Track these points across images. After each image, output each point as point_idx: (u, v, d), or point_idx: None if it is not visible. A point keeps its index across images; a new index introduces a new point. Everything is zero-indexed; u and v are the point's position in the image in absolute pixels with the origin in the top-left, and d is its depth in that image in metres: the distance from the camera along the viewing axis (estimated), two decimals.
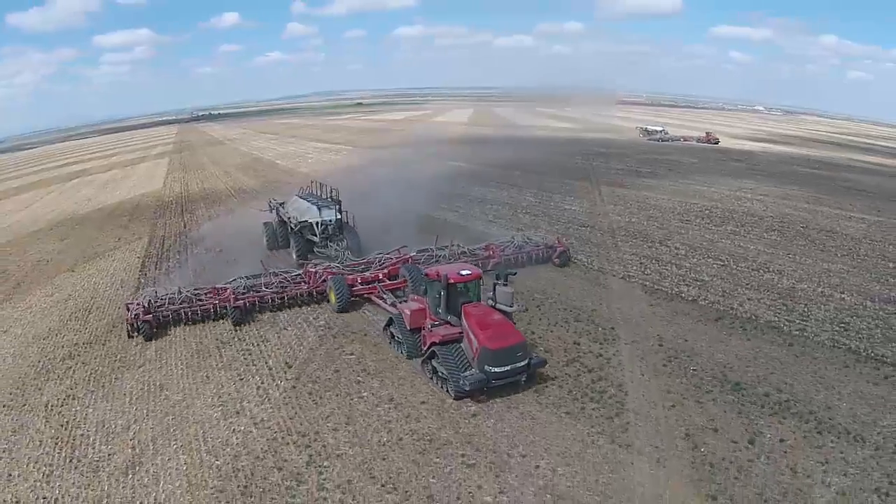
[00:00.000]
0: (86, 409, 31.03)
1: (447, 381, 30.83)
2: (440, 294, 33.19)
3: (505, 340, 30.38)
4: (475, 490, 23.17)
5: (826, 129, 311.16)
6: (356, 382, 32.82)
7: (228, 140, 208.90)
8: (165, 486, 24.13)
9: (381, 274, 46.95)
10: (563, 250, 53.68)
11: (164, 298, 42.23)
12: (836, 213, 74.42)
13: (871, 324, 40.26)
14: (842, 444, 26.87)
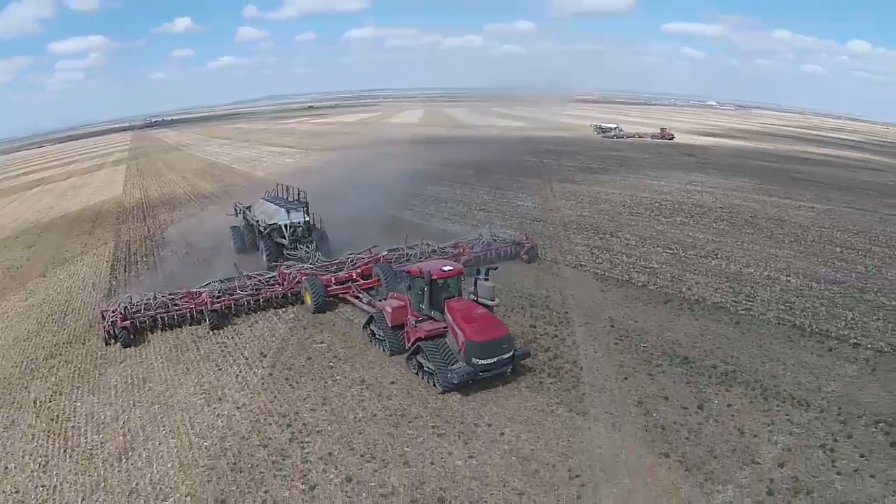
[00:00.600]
0: (73, 404, 32.24)
1: (434, 375, 31.44)
2: (423, 290, 33.87)
3: (490, 333, 31.10)
4: (446, 456, 25.54)
5: (779, 123, 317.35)
6: (328, 367, 34.92)
7: (183, 146, 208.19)
8: (159, 468, 25.73)
9: (354, 274, 47.32)
10: (530, 246, 54.45)
11: (139, 304, 42.13)
12: (784, 203, 77.24)
13: (816, 303, 42.94)
14: (787, 408, 29.30)
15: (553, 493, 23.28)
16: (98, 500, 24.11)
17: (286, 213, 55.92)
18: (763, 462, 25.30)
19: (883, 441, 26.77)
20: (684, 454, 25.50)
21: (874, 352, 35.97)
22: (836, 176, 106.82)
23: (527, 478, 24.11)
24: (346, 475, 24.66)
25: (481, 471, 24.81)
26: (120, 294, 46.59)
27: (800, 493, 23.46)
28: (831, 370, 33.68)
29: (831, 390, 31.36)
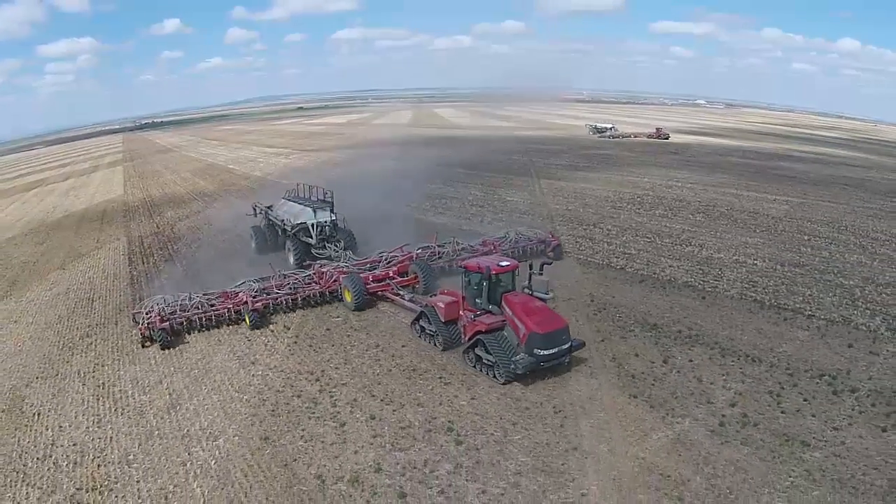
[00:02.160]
0: (117, 373, 35.52)
1: (495, 367, 32.26)
2: (482, 285, 34.24)
3: (551, 325, 32.04)
4: (452, 398, 30.82)
5: (766, 121, 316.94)
6: (346, 336, 39.26)
7: (176, 148, 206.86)
8: (206, 416, 29.76)
9: (391, 272, 47.52)
10: (556, 244, 54.95)
11: (174, 305, 41.23)
12: (761, 197, 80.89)
13: (778, 282, 47.16)
14: (741, 363, 33.89)
15: (541, 423, 28.27)
16: (154, 445, 27.54)
17: (313, 213, 55.44)
18: (717, 402, 29.78)
19: (826, 389, 31.00)
20: (650, 396, 30.36)
21: (826, 322, 40.02)
22: (815, 172, 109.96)
23: (519, 413, 29.17)
24: (370, 414, 29.38)
25: (481, 408, 29.88)
26: (149, 296, 46.19)
27: (747, 425, 27.81)
28: (784, 335, 37.84)
29: (783, 350, 35.60)
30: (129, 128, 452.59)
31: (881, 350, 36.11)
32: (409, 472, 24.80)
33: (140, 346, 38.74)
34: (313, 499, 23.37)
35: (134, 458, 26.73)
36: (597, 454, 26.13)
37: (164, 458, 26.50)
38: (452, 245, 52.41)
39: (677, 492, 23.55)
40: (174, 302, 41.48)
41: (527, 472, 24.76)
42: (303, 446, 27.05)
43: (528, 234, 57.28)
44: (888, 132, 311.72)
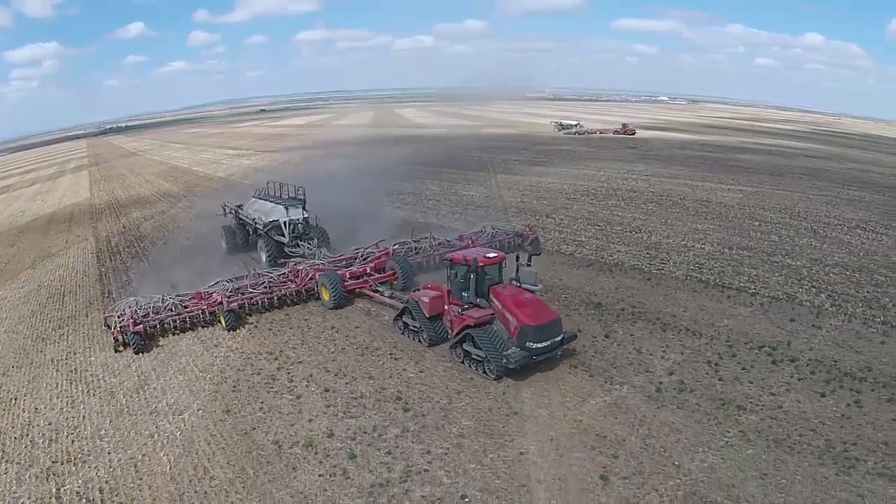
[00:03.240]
0: (88, 359, 36.80)
1: (485, 362, 31.34)
2: (469, 278, 33.39)
3: (543, 317, 31.31)
4: (402, 371, 32.93)
5: (728, 116, 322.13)
6: (304, 320, 40.98)
7: (140, 151, 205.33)
8: (172, 395, 31.38)
9: (368, 268, 46.73)
10: (533, 237, 54.54)
11: (147, 307, 39.82)
12: (715, 187, 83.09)
13: (724, 264, 49.23)
14: (681, 337, 35.71)
15: (484, 391, 30.20)
16: (124, 421, 29.03)
17: (285, 210, 54.57)
18: (655, 371, 31.57)
19: (765, 359, 32.78)
20: (590, 366, 32.29)
21: (770, 299, 41.92)
22: (772, 163, 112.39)
23: (464, 383, 31.27)
24: (325, 387, 31.28)
25: (429, 379, 31.84)
26: (118, 289, 48.09)
27: (684, 391, 29.56)
28: (727, 311, 39.70)
29: (724, 325, 37.39)
30: (93, 133, 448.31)
31: (824, 324, 37.79)
32: (359, 437, 26.52)
33: (114, 352, 37.38)
34: (270, 462, 25.02)
35: (105, 434, 28.03)
36: (536, 418, 27.85)
37: (134, 432, 27.94)
38: (429, 240, 51.87)
39: (612, 450, 25.04)
40: (147, 304, 40.24)
41: (469, 435, 26.43)
42: (261, 416, 28.75)
43: (505, 228, 56.88)
44: (850, 125, 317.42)
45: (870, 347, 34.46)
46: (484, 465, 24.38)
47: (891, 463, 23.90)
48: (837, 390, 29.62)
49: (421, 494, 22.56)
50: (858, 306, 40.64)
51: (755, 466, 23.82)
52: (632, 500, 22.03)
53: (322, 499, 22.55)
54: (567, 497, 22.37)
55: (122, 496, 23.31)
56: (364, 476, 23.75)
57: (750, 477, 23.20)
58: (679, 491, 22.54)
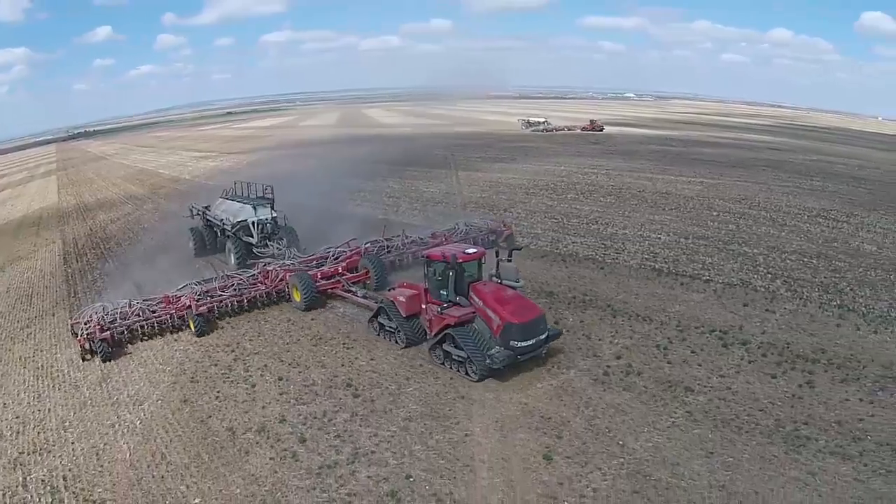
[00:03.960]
0: (54, 356, 37.15)
1: (468, 362, 30.36)
2: (447, 275, 32.13)
3: (528, 314, 30.31)
4: (353, 360, 33.82)
5: (694, 112, 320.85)
6: (261, 313, 41.74)
7: (108, 156, 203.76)
8: (133, 386, 32.06)
9: (340, 267, 45.52)
10: (508, 233, 54.02)
11: (114, 313, 38.18)
12: (675, 180, 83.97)
13: (679, 253, 50.14)
14: (631, 322, 36.42)
15: (432, 377, 31.08)
16: (87, 412, 29.71)
17: (253, 210, 53.36)
18: (603, 356, 32.32)
19: (716, 343, 33.53)
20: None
21: (723, 285, 42.74)
22: (736, 156, 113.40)
23: (413, 370, 32.20)
24: (279, 376, 32.13)
25: (379, 367, 32.62)
26: (87, 299, 46.25)
27: (631, 374, 30.30)
28: (679, 297, 40.56)
29: (675, 310, 38.21)
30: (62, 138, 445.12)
31: (778, 308, 38.57)
32: (309, 422, 27.35)
33: (81, 360, 35.92)
34: (224, 447, 25.78)
35: (70, 425, 28.67)
36: (483, 401, 28.56)
37: (96, 423, 28.62)
38: (401, 238, 50.86)
39: (557, 431, 25.68)
40: (113, 310, 38.55)
41: (416, 418, 27.18)
42: (217, 405, 29.54)
43: (479, 224, 56.12)
44: (819, 119, 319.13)
45: (824, 330, 35.15)
46: (429, 446, 25.06)
47: (843, 441, 24.31)
48: (789, 372, 30.21)
49: (367, 475, 23.23)
50: (815, 291, 41.39)
51: (701, 446, 24.37)
52: (574, 479, 22.57)
53: (272, 480, 23.26)
54: (509, 476, 22.92)
55: (83, 483, 23.94)
56: (313, 458, 24.50)
57: (695, 456, 23.73)
58: (623, 469, 23.04)
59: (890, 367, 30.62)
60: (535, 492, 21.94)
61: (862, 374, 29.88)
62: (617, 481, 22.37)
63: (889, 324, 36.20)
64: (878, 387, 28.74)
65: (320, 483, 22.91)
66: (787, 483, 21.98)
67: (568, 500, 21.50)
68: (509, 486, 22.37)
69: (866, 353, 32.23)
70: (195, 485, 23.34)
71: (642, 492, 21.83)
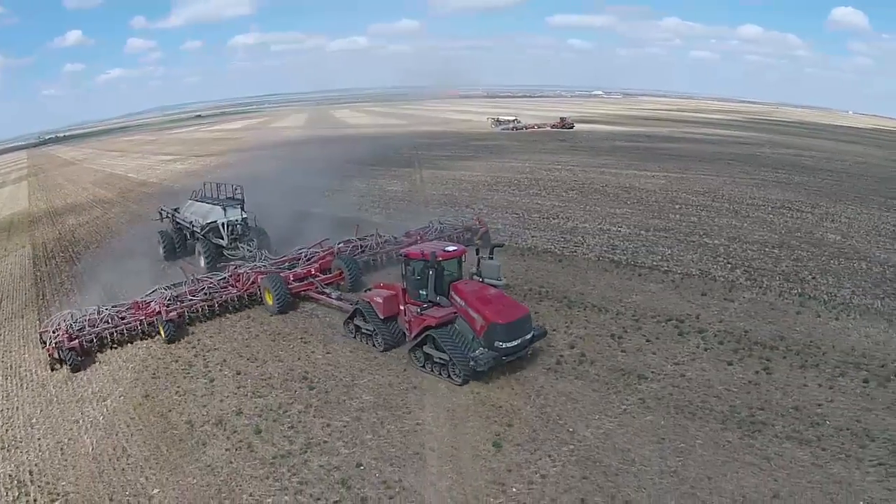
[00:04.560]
0: (23, 357, 37.47)
1: (450, 365, 29.49)
2: (427, 274, 31.04)
3: (512, 313, 29.37)
4: (310, 354, 34.47)
5: (663, 108, 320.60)
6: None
7: (78, 161, 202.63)
8: (97, 383, 32.74)
9: (313, 269, 44.44)
10: (484, 231, 52.32)
11: (83, 320, 37.14)
12: (639, 175, 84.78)
13: (639, 245, 50.69)
14: (586, 313, 37.09)
15: (386, 369, 31.71)
16: (53, 409, 30.38)
17: (223, 211, 52.29)
18: (556, 346, 32.83)
19: (672, 331, 34.09)
20: None
21: (681, 275, 43.42)
22: (703, 150, 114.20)
23: (368, 362, 32.82)
24: (237, 370, 32.75)
25: (335, 360, 33.30)
26: (57, 309, 43.12)
27: (584, 363, 30.86)
28: (636, 288, 41.13)
29: (632, 301, 38.70)
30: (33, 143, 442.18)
31: (737, 297, 39.10)
32: (265, 414, 28.01)
33: (50, 370, 35.05)
34: (183, 439, 26.43)
35: (36, 421, 29.37)
36: (435, 391, 29.20)
37: (61, 419, 29.34)
38: (375, 238, 49.92)
39: (507, 419, 26.17)
40: (82, 317, 37.57)
41: (369, 408, 27.81)
42: (177, 399, 30.20)
43: (453, 222, 55.73)
44: (789, 113, 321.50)
45: (784, 318, 35.65)
46: (380, 436, 25.62)
47: (801, 427, 24.63)
48: (746, 359, 30.66)
49: (319, 464, 23.84)
50: (775, 280, 41.93)
51: (653, 432, 24.77)
52: (523, 465, 23.02)
53: (227, 471, 23.85)
54: (458, 464, 23.44)
55: (48, 477, 24.52)
56: (267, 449, 25.14)
57: (647, 442, 24.13)
58: (572, 456, 23.48)
59: (850, 353, 31.08)
60: (483, 479, 22.48)
61: (822, 361, 30.32)
62: (566, 467, 22.85)
63: (850, 311, 36.74)
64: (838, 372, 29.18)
65: (273, 472, 23.52)
66: (742, 468, 22.25)
67: (516, 487, 21.96)
68: (458, 474, 22.91)
69: (826, 339, 32.73)
70: (154, 476, 23.97)
71: (591, 477, 22.24)
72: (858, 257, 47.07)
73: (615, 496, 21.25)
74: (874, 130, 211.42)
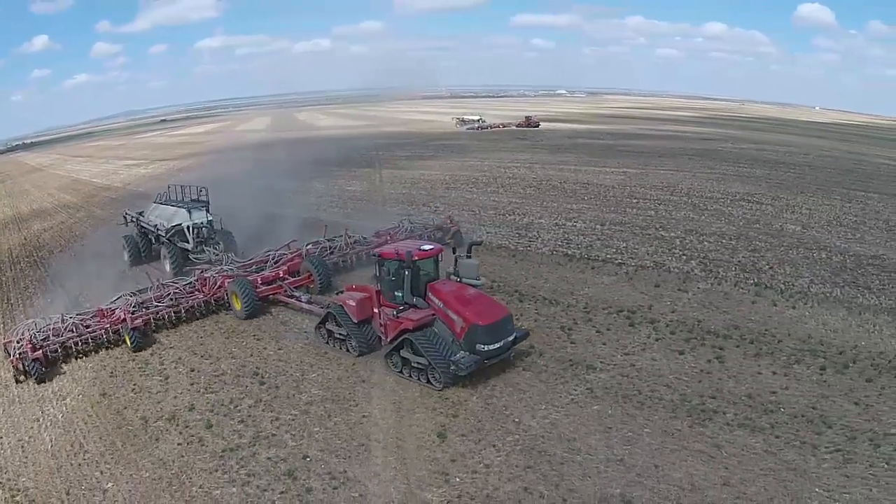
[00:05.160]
0: None
1: (429, 370, 28.32)
2: (402, 275, 29.73)
3: (494, 315, 28.27)
4: (262, 349, 34.83)
5: (627, 106, 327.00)
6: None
7: (45, 167, 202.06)
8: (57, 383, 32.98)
9: (281, 272, 43.11)
10: (455, 230, 51.25)
11: (46, 329, 35.39)
12: (599, 171, 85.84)
13: (593, 238, 51.19)
14: (537, 305, 37.34)
15: (336, 364, 32.28)
16: (14, 409, 30.52)
17: (188, 214, 50.87)
18: None
19: (623, 322, 34.38)
20: None
21: (635, 267, 43.84)
22: (664, 147, 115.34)
23: (318, 357, 33.28)
24: (191, 367, 33.05)
25: (286, 356, 33.70)
26: (20, 321, 40.61)
27: (532, 354, 31.24)
28: (588, 281, 41.48)
29: (584, 293, 38.99)
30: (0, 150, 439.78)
31: (691, 287, 39.45)
32: (216, 408, 28.41)
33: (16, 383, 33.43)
34: (137, 435, 26.87)
35: None
36: (383, 385, 29.54)
37: (23, 418, 29.60)
38: (344, 238, 48.46)
39: (453, 410, 26.42)
40: (46, 326, 35.78)
41: (317, 402, 28.20)
42: (133, 397, 30.52)
43: (424, 221, 54.63)
44: (754, 110, 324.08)
45: (738, 307, 35.84)
46: (327, 428, 26.00)
47: (753, 414, 24.72)
48: (698, 348, 30.86)
49: (267, 456, 24.17)
50: (731, 270, 42.24)
51: (600, 421, 24.85)
52: (467, 455, 23.22)
53: (179, 464, 24.15)
54: (402, 454, 23.71)
55: (10, 473, 24.92)
56: (217, 442, 25.52)
57: (593, 431, 24.19)
58: (517, 446, 23.65)
59: (807, 340, 31.31)
60: (426, 469, 22.77)
61: (777, 349, 30.49)
62: (510, 457, 22.99)
63: (808, 299, 37.02)
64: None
65: (223, 465, 23.84)
66: (690, 456, 22.36)
67: (459, 477, 22.14)
68: (402, 464, 23.17)
69: (783, 327, 32.92)
70: (108, 470, 24.28)
71: (535, 466, 22.34)
72: (818, 247, 47.49)
73: (559, 485, 21.37)
74: (841, 125, 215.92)
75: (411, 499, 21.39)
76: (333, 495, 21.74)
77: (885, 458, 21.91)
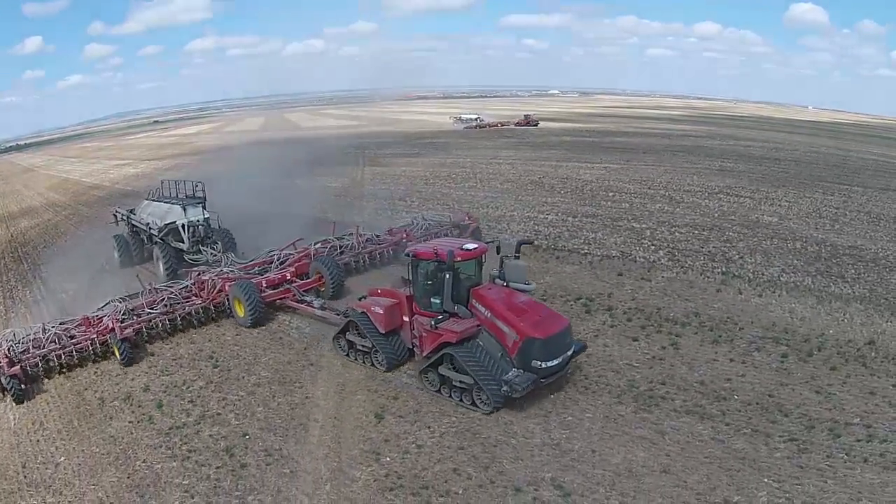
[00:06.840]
0: None
1: (475, 389, 24.28)
2: (442, 278, 25.60)
3: (551, 326, 24.30)
4: (221, 336, 35.17)
5: (618, 105, 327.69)
6: None
7: (36, 167, 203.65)
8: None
9: (288, 273, 39.17)
10: (475, 227, 47.81)
11: (26, 341, 31.36)
12: (579, 166, 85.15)
13: (563, 230, 50.75)
14: None
15: (288, 348, 32.65)
16: None
17: (182, 211, 47.03)
18: None
19: (579, 310, 34.04)
20: None
21: (601, 257, 43.39)
22: (649, 143, 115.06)
23: (272, 342, 33.65)
24: (151, 352, 33.47)
25: (245, 343, 33.72)
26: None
27: None
28: (550, 270, 41.14)
29: (543, 282, 38.12)
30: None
31: (655, 276, 38.95)
32: (169, 389, 28.97)
33: None
34: (93, 414, 27.71)
35: None
36: (329, 368, 29.95)
37: None
38: (356, 237, 44.33)
39: (394, 393, 26.92)
40: (25, 336, 31.83)
41: (264, 384, 28.74)
42: (94, 379, 31.19)
43: (439, 217, 50.82)
44: (745, 109, 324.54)
45: (702, 296, 35.37)
46: (270, 408, 26.47)
47: (704, 401, 24.14)
48: (653, 335, 30.39)
49: (209, 434, 24.76)
50: (699, 260, 41.77)
51: (540, 406, 24.35)
52: (401, 436, 23.26)
53: (127, 440, 25.12)
54: (338, 433, 24.04)
55: None
56: (165, 420, 26.25)
57: (532, 415, 23.75)
58: (452, 428, 23.51)
59: (771, 328, 30.71)
60: (359, 448, 22.96)
61: (737, 336, 29.96)
62: (444, 438, 22.86)
63: (777, 288, 36.48)
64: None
65: (167, 441, 24.65)
66: (631, 442, 21.84)
67: (390, 456, 22.17)
68: (337, 443, 23.48)
69: (746, 315, 32.35)
70: (63, 446, 25.41)
71: (468, 448, 22.11)
72: (793, 238, 46.97)
73: (489, 467, 21.02)
74: (833, 124, 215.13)
75: (340, 476, 21.60)
76: (266, 471, 22.20)
77: (845, 448, 21.01)
